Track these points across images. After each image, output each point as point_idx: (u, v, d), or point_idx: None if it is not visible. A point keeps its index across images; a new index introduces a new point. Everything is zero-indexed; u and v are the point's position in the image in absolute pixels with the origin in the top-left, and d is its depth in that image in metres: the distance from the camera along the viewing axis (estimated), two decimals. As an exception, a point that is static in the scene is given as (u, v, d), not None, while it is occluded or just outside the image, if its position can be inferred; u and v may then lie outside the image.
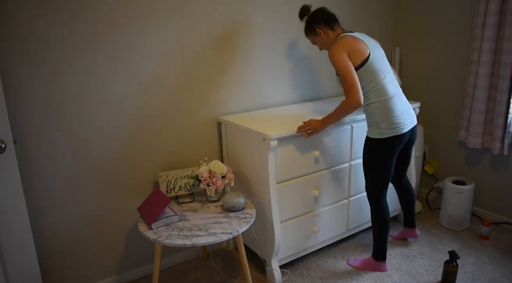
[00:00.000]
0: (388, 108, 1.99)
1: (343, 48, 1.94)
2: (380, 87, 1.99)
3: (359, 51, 1.95)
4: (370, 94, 2.00)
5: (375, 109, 2.01)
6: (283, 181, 2.12)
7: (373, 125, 2.04)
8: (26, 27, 1.72)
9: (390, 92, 2.01)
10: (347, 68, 1.91)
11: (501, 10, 2.44)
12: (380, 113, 2.00)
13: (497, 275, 2.24)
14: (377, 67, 1.98)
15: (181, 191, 2.16)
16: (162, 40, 2.08)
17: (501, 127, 2.56)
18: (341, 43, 1.96)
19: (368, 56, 1.96)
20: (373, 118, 2.03)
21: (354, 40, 1.97)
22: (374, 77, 1.98)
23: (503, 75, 2.48)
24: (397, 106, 2.01)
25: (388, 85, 2.01)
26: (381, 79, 1.99)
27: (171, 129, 2.23)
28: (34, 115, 1.82)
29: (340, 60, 1.92)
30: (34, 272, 1.75)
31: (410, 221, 2.53)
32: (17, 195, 1.63)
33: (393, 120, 2.00)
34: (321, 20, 2.07)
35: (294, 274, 2.30)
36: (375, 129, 2.04)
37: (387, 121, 2.00)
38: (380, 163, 2.09)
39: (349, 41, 1.96)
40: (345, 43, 1.95)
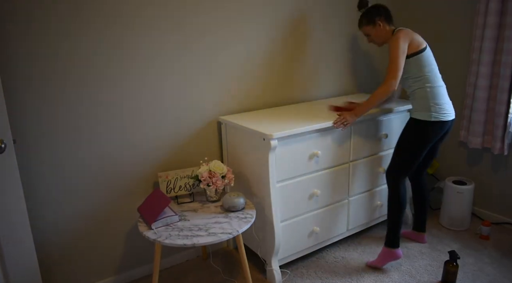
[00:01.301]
0: (440, 94, 2.15)
1: (407, 37, 2.10)
2: (434, 75, 2.15)
3: (419, 41, 2.14)
4: (424, 79, 2.14)
5: (428, 93, 2.14)
6: (283, 181, 2.12)
7: (423, 107, 2.15)
8: (26, 27, 1.72)
9: (440, 82, 2.18)
10: (401, 54, 2.06)
11: (501, 10, 2.44)
12: (432, 97, 2.13)
13: (497, 276, 2.24)
14: (431, 58, 2.17)
15: (181, 191, 2.16)
16: (161, 40, 2.09)
17: (501, 127, 2.56)
18: (406, 33, 2.11)
19: (425, 47, 2.15)
20: (424, 101, 2.15)
21: (414, 33, 2.15)
22: (429, 65, 2.14)
23: (503, 75, 2.47)
24: (445, 94, 2.19)
25: (439, 75, 2.19)
26: (434, 68, 2.16)
27: (171, 129, 2.23)
28: (34, 115, 1.82)
29: (398, 45, 2.07)
30: (34, 272, 1.75)
31: (421, 225, 2.55)
32: (17, 195, 1.63)
33: (443, 106, 2.15)
34: (382, 13, 2.22)
35: (294, 274, 2.30)
36: (426, 112, 2.14)
37: (437, 106, 2.13)
38: (417, 146, 2.18)
39: (411, 32, 2.14)
40: (409, 33, 2.13)
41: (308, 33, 2.66)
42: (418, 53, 2.11)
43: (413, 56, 2.11)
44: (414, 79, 2.16)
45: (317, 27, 2.69)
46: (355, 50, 2.96)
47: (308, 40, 2.67)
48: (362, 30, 2.31)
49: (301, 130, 2.07)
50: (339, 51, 2.86)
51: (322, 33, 2.73)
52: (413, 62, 2.13)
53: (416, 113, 2.19)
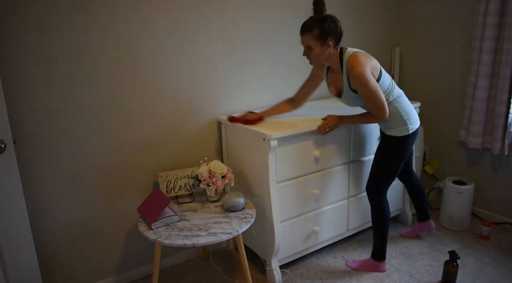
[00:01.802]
0: (405, 104, 2.09)
1: (368, 67, 1.90)
2: (394, 90, 2.07)
3: (374, 66, 1.97)
4: (390, 97, 2.05)
5: (397, 108, 2.06)
6: (283, 181, 2.12)
7: (399, 123, 2.07)
8: (26, 27, 1.72)
9: (400, 91, 2.12)
10: (377, 89, 1.92)
11: (501, 10, 2.44)
12: (402, 110, 2.07)
13: (497, 276, 2.24)
14: (386, 75, 2.05)
15: (181, 191, 2.16)
16: (161, 40, 2.09)
17: (502, 127, 2.56)
18: (364, 62, 1.90)
19: (380, 68, 2.01)
20: (398, 117, 2.07)
21: (368, 57, 1.96)
22: (388, 84, 2.04)
23: (503, 75, 2.47)
24: (408, 102, 2.12)
25: (395, 86, 2.10)
26: (391, 83, 2.06)
27: (171, 129, 2.23)
28: (34, 115, 1.82)
29: (371, 80, 1.90)
30: (34, 272, 1.75)
31: (424, 214, 2.56)
32: (17, 195, 1.63)
33: (412, 114, 2.10)
34: (337, 34, 1.89)
35: (294, 274, 2.30)
36: (402, 127, 2.08)
37: (410, 116, 2.08)
38: (398, 160, 2.14)
39: (367, 59, 1.94)
40: (366, 60, 1.92)
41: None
42: (379, 79, 1.97)
43: (378, 80, 1.98)
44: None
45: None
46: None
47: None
48: (305, 39, 1.91)
49: (301, 130, 2.07)
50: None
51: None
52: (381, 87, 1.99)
53: (392, 130, 2.09)
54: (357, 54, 1.93)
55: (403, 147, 2.11)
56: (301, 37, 1.94)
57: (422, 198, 2.53)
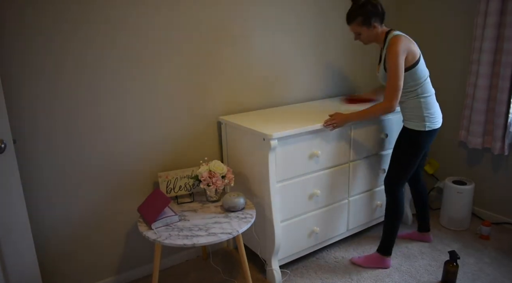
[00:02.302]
0: (432, 103, 2.12)
1: (404, 49, 1.97)
2: (427, 84, 2.10)
3: (414, 52, 2.02)
4: (418, 90, 2.09)
5: (422, 103, 2.10)
6: (283, 181, 2.12)
7: (418, 118, 2.12)
8: (27, 27, 1.72)
9: (432, 90, 2.14)
10: (399, 70, 1.97)
11: (501, 10, 2.44)
12: (426, 107, 2.10)
13: (497, 276, 2.24)
14: (424, 68, 2.09)
15: (181, 191, 2.16)
16: (161, 40, 2.09)
17: (502, 127, 2.56)
18: (403, 43, 1.97)
19: (419, 58, 2.05)
20: (419, 111, 2.11)
21: (410, 42, 2.03)
22: (423, 75, 2.08)
23: (503, 75, 2.47)
24: (435, 102, 2.16)
25: (430, 84, 2.14)
26: (426, 79, 2.10)
27: (171, 129, 2.23)
28: (34, 115, 1.82)
29: (399, 60, 1.96)
30: (34, 272, 1.75)
31: (425, 225, 2.56)
32: (17, 195, 1.63)
33: (435, 115, 2.13)
34: (379, 13, 2.04)
35: (294, 274, 2.30)
36: (420, 122, 2.11)
37: (430, 115, 2.11)
38: (413, 155, 2.17)
39: (408, 42, 2.01)
40: (405, 43, 1.99)
41: (309, 33, 2.66)
42: (414, 66, 2.02)
43: (408, 70, 2.02)
44: (408, 90, 2.09)
45: (317, 26, 2.69)
46: (357, 49, 2.96)
47: (308, 40, 2.67)
48: (352, 27, 2.09)
49: (301, 130, 2.07)
50: (340, 50, 2.86)
51: (323, 32, 2.73)
52: (408, 76, 2.04)
53: (410, 122, 2.15)
54: (400, 36, 2.02)
55: (418, 143, 2.14)
56: (349, 27, 2.12)
57: (425, 208, 2.52)
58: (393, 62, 1.97)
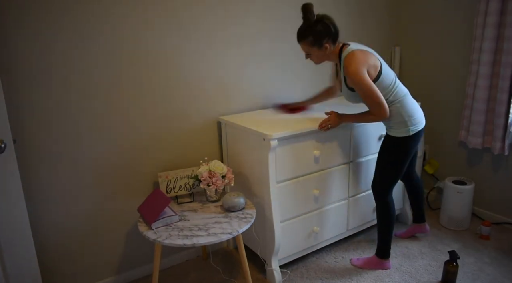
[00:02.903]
0: (408, 104, 2.05)
1: (363, 67, 1.89)
2: (395, 90, 2.03)
3: (374, 64, 1.95)
4: (391, 97, 2.02)
5: (399, 108, 2.03)
6: (283, 181, 2.12)
7: (400, 124, 2.05)
8: (28, 27, 1.72)
9: (404, 91, 2.07)
10: (372, 88, 1.91)
11: (501, 9, 2.44)
12: (404, 111, 2.03)
13: (497, 276, 2.24)
14: (389, 73, 2.02)
15: (181, 191, 2.16)
16: (161, 41, 2.09)
17: (502, 127, 2.56)
18: (359, 61, 1.90)
19: (381, 67, 1.97)
20: (399, 117, 2.04)
21: (366, 55, 1.94)
22: (390, 80, 2.01)
23: (503, 75, 2.47)
24: (412, 103, 2.07)
25: (400, 85, 2.06)
26: (393, 83, 2.02)
27: (171, 129, 2.23)
28: (34, 115, 1.82)
29: (365, 80, 1.89)
30: (33, 272, 1.75)
31: (420, 215, 2.56)
32: (17, 195, 1.63)
33: (416, 115, 2.06)
34: (331, 34, 1.92)
35: (294, 274, 2.30)
36: (402, 128, 2.05)
37: (411, 117, 2.04)
38: (400, 161, 2.12)
39: (364, 57, 1.92)
40: (362, 60, 1.91)
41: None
42: (378, 77, 1.95)
43: (375, 82, 1.94)
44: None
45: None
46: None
47: (308, 40, 2.67)
48: (302, 46, 1.99)
49: (301, 130, 2.07)
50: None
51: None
52: (380, 85, 1.97)
53: (393, 130, 2.08)
54: (354, 53, 1.92)
55: (404, 148, 2.09)
56: (300, 45, 2.01)
57: (420, 200, 2.52)
58: (359, 83, 1.90)
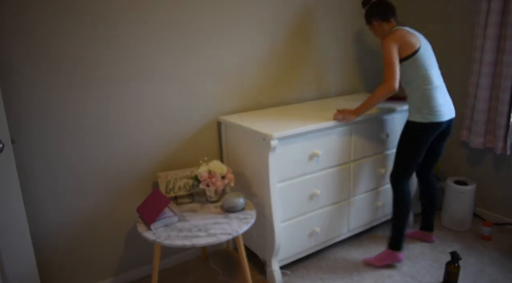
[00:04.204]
0: (430, 96, 2.12)
1: (395, 40, 2.09)
2: (425, 77, 2.12)
3: (410, 43, 2.10)
4: (415, 82, 2.14)
5: (421, 95, 2.13)
6: (283, 181, 2.11)
7: (415, 109, 2.17)
8: (28, 28, 1.71)
9: (434, 83, 2.14)
10: (391, 55, 2.07)
11: (503, 9, 2.43)
12: (422, 99, 2.13)
13: (498, 276, 2.23)
14: (424, 59, 2.12)
15: (180, 191, 2.15)
16: (161, 41, 2.08)
17: (504, 126, 2.55)
18: (394, 36, 2.10)
19: (418, 49, 2.10)
20: (416, 103, 2.16)
21: (407, 34, 2.11)
22: (421, 67, 2.11)
23: (505, 75, 2.46)
24: (437, 96, 2.14)
25: (433, 77, 2.14)
26: (426, 70, 2.12)
27: (171, 129, 2.22)
28: (33, 115, 1.81)
29: (389, 49, 2.08)
30: (32, 273, 1.74)
31: (428, 224, 2.55)
32: (15, 195, 1.63)
33: (434, 108, 2.13)
34: (376, 13, 2.24)
35: (294, 275, 2.29)
36: (416, 114, 2.16)
37: (427, 108, 2.13)
38: (413, 148, 2.19)
39: (403, 35, 2.10)
40: (399, 36, 2.10)
41: (309, 33, 2.65)
42: (411, 56, 2.10)
43: (405, 60, 2.11)
44: (408, 81, 2.16)
45: (318, 26, 2.68)
46: (358, 49, 2.94)
47: (308, 39, 2.66)
48: (368, 25, 2.35)
49: (301, 130, 2.06)
50: (340, 50, 2.84)
51: (324, 32, 2.72)
52: (405, 66, 2.12)
53: (410, 114, 2.20)
54: (396, 30, 2.14)
55: (416, 135, 2.16)
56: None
57: (432, 207, 2.50)
58: (384, 48, 2.10)
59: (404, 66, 2.13)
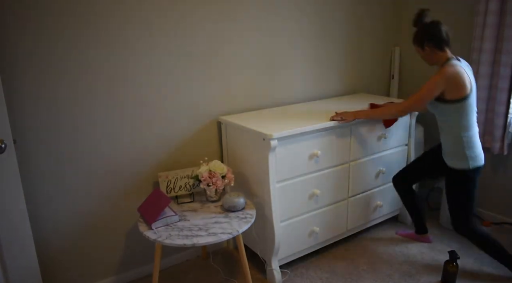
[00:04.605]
0: (473, 143, 2.06)
1: (445, 82, 1.95)
2: (469, 123, 2.04)
3: (462, 87, 1.95)
4: (461, 127, 2.03)
5: (464, 143, 2.05)
6: (283, 181, 2.12)
7: (460, 157, 2.07)
8: (28, 27, 1.72)
9: (476, 127, 2.08)
10: (426, 96, 2.00)
11: (501, 10, 2.44)
12: (467, 147, 2.05)
13: (497, 276, 2.24)
14: (472, 105, 2.02)
15: (181, 191, 2.16)
16: (161, 41, 2.09)
17: (501, 127, 2.56)
18: (447, 76, 1.94)
19: (468, 94, 1.98)
20: (459, 150, 2.07)
21: (461, 75, 1.94)
22: (470, 112, 2.02)
23: (503, 75, 2.48)
24: (478, 141, 2.09)
25: (474, 122, 2.07)
26: (471, 116, 2.04)
27: (171, 129, 2.23)
28: (34, 115, 1.82)
29: (431, 88, 1.98)
30: (34, 272, 1.75)
31: (421, 227, 2.56)
32: (17, 195, 1.63)
33: (478, 154, 2.07)
34: (431, 38, 2.01)
35: (294, 274, 2.30)
36: (463, 161, 2.07)
37: (472, 155, 2.06)
38: (468, 193, 2.11)
39: (456, 77, 1.94)
40: (452, 77, 1.94)
41: (309, 33, 2.66)
42: (459, 101, 1.97)
43: (452, 103, 1.99)
44: (450, 125, 2.06)
45: (317, 26, 2.69)
46: (358, 49, 2.96)
47: (308, 40, 2.67)
48: (414, 46, 2.13)
49: (301, 130, 2.07)
50: (340, 50, 2.86)
51: (323, 32, 2.73)
52: (452, 108, 2.00)
53: (454, 162, 2.11)
54: (451, 67, 1.95)
55: (467, 180, 2.09)
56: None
57: (419, 212, 2.50)
58: (428, 84, 1.99)
59: (450, 108, 2.01)
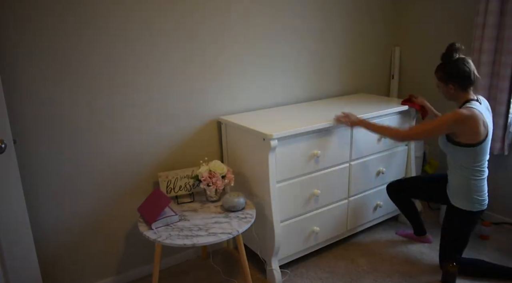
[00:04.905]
0: (481, 186, 2.10)
1: (457, 124, 1.95)
2: (480, 167, 2.07)
3: (476, 133, 1.97)
4: (471, 170, 2.06)
5: (472, 185, 2.08)
6: (283, 181, 2.12)
7: (464, 197, 2.11)
8: (28, 27, 1.72)
9: (485, 174, 2.11)
10: (433, 130, 2.02)
11: (501, 10, 2.44)
12: (475, 190, 2.08)
13: (497, 275, 2.24)
14: (485, 149, 2.04)
15: (181, 191, 2.16)
16: (161, 41, 2.09)
17: (501, 127, 2.56)
18: (462, 118, 1.94)
19: (484, 139, 2.00)
20: (467, 191, 2.10)
21: (477, 121, 1.94)
22: (482, 157, 2.05)
23: (503, 75, 2.47)
24: (485, 186, 2.13)
25: (486, 167, 2.10)
26: (484, 160, 2.07)
27: (171, 128, 2.23)
28: (34, 115, 1.82)
29: (442, 124, 1.99)
30: (34, 272, 1.75)
31: (419, 228, 2.55)
32: (17, 195, 1.63)
33: (483, 198, 2.11)
34: (457, 79, 2.01)
35: (294, 274, 2.30)
36: (465, 202, 2.11)
37: (476, 197, 2.09)
38: (463, 232, 2.16)
39: (471, 121, 1.94)
40: (466, 121, 1.94)
41: (309, 33, 2.66)
42: (474, 145, 1.99)
43: (465, 147, 2.00)
44: (463, 166, 2.07)
45: (318, 26, 2.69)
46: (358, 49, 2.96)
47: (308, 40, 2.67)
48: (435, 76, 2.12)
49: (301, 130, 2.08)
50: (340, 50, 2.86)
51: (323, 32, 2.73)
52: (466, 151, 2.01)
53: (457, 201, 2.14)
54: (468, 109, 1.96)
55: (466, 220, 2.13)
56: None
57: (415, 214, 2.50)
58: (441, 119, 2.00)
59: (461, 151, 2.03)
